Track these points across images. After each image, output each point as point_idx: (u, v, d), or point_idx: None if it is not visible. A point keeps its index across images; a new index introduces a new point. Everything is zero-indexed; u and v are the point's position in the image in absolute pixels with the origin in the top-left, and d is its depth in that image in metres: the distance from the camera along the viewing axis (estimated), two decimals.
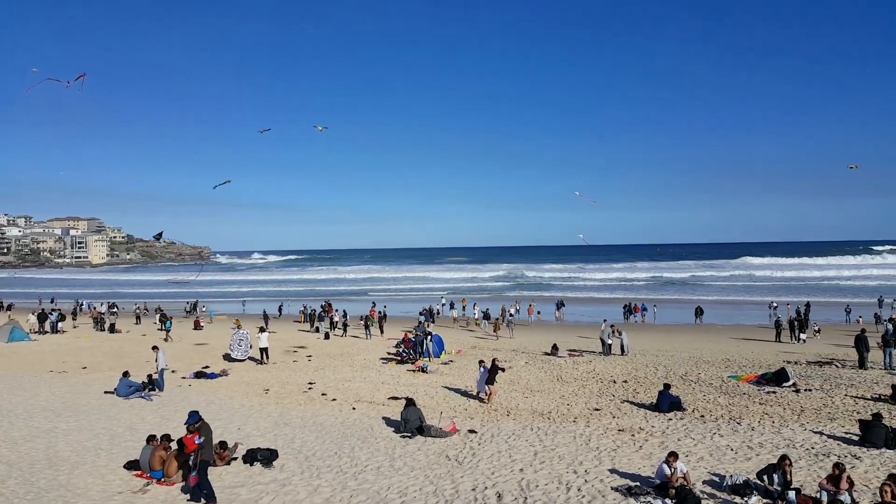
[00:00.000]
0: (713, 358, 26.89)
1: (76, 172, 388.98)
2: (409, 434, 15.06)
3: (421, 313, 42.58)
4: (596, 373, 24.24)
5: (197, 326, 41.35)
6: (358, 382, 22.94)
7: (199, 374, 24.23)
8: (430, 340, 28.08)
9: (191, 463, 11.03)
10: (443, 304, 54.59)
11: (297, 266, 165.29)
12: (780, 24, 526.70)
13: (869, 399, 18.25)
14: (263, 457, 13.03)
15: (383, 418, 16.99)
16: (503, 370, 21.08)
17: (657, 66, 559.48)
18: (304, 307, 48.68)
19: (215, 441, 13.42)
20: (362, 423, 16.64)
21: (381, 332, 37.21)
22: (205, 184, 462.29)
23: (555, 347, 29.17)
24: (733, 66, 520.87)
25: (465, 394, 20.77)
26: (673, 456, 11.05)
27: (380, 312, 41.11)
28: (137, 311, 49.38)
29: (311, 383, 22.65)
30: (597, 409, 18.13)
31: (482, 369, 20.19)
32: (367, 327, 36.88)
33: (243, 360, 27.61)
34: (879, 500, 9.16)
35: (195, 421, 11.48)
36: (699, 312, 44.33)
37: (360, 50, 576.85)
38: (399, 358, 27.79)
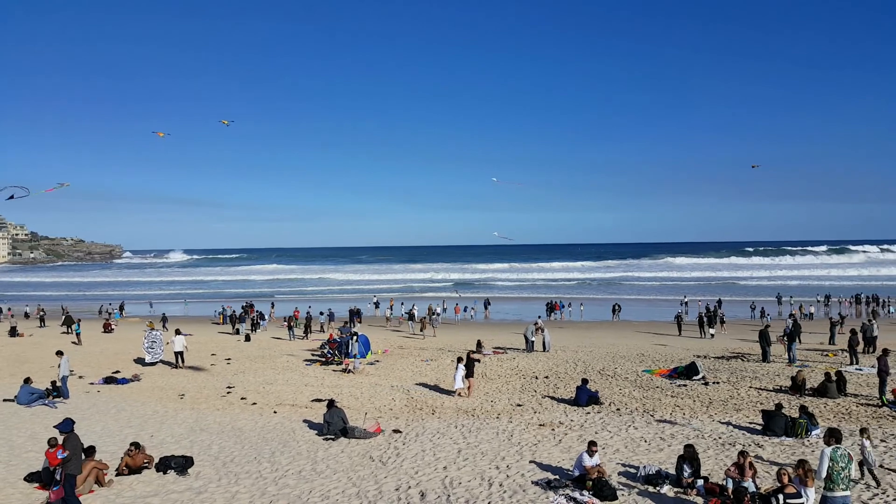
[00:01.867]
0: (629, 353, 27.98)
1: None
2: (333, 436, 14.85)
3: (321, 313, 42.11)
4: (519, 369, 24.69)
5: (107, 329, 39.27)
6: (280, 385, 22.39)
7: (109, 380, 23.03)
8: (356, 341, 27.76)
9: (57, 477, 10.48)
10: (372, 303, 54.38)
11: (216, 265, 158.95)
12: (687, 20, 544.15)
13: (771, 390, 19.49)
14: (178, 464, 12.49)
15: (305, 421, 16.66)
16: (478, 361, 22.03)
17: (607, 67, 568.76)
18: (224, 308, 47.15)
19: (128, 444, 12.83)
20: (284, 426, 16.26)
21: (308, 333, 36.51)
22: (123, 179, 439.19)
23: (479, 345, 29.47)
24: (684, 68, 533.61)
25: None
26: (594, 445, 11.44)
27: (307, 314, 40.35)
28: (40, 314, 46.33)
29: (229, 387, 21.92)
30: (519, 405, 18.47)
31: (459, 366, 20.14)
32: (290, 328, 36.11)
33: (156, 364, 26.48)
34: (778, 484, 9.79)
35: (69, 429, 10.87)
36: (616, 309, 46.02)
37: (301, 43, 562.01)
38: (324, 359, 27.37)
